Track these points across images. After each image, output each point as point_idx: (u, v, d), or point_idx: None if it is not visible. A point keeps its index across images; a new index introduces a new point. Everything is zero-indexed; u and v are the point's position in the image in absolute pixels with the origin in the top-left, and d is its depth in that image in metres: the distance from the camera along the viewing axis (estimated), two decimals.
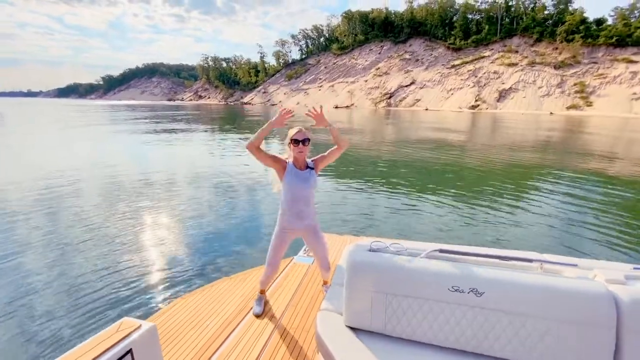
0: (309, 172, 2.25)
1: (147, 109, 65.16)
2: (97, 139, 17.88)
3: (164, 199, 6.79)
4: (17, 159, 11.44)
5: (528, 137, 21.24)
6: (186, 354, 2.02)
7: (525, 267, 1.52)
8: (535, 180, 8.94)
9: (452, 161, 11.81)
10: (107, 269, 3.90)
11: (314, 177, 2.26)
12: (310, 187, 2.24)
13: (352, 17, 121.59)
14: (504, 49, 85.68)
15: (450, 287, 1.42)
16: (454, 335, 1.43)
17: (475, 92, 77.34)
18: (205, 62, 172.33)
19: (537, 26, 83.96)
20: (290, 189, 2.22)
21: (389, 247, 1.63)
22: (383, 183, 8.42)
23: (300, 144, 2.16)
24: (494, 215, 5.92)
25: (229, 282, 2.87)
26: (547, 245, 4.77)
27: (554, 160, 12.42)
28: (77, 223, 5.43)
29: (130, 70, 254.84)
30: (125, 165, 10.53)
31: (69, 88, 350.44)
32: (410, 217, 5.89)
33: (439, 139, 19.24)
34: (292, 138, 2.18)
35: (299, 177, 2.21)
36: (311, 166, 2.28)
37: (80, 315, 3.09)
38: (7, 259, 4.17)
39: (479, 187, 8.00)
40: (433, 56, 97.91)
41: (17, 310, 3.17)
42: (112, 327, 1.23)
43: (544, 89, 70.27)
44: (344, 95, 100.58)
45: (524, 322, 1.33)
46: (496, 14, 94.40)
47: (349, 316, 1.61)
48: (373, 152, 14.31)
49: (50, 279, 3.71)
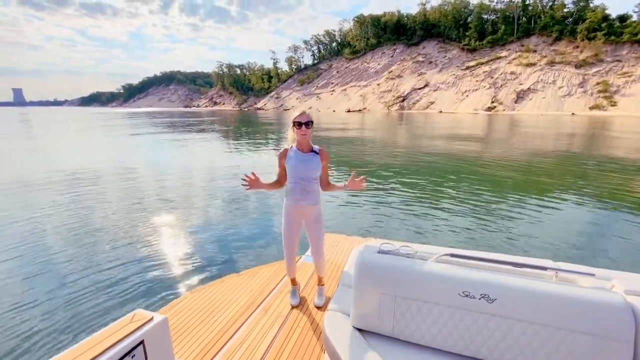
0: (312, 155, 2.21)
1: (166, 115, 67.11)
2: (125, 143, 18.46)
3: (178, 197, 6.88)
4: (49, 160, 11.92)
5: (548, 139, 20.50)
6: (194, 347, 2.04)
7: (539, 275, 1.47)
8: (554, 186, 8.54)
9: (466, 164, 11.49)
10: (121, 261, 3.98)
11: (317, 160, 2.21)
12: (312, 167, 2.19)
13: (364, 21, 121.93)
14: (522, 48, 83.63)
15: (460, 292, 1.39)
16: (463, 341, 1.40)
17: (492, 93, 75.64)
18: (220, 69, 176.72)
19: (556, 24, 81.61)
20: (292, 169, 2.20)
21: (399, 250, 1.61)
22: (394, 185, 8.24)
23: (303, 126, 2.12)
24: (507, 221, 5.64)
25: (238, 278, 2.87)
26: (562, 252, 4.50)
27: (577, 164, 11.88)
28: (102, 221, 5.56)
29: (148, 79, 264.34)
30: (144, 166, 10.78)
31: (91, 97, 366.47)
32: (421, 220, 5.71)
33: (453, 142, 18.84)
34: (294, 120, 2.14)
35: (300, 158, 2.18)
36: (316, 151, 2.24)
37: (94, 305, 3.15)
38: (29, 249, 4.31)
39: (493, 192, 7.69)
40: (447, 58, 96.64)
41: (40, 298, 3.25)
42: (126, 317, 1.25)
43: (565, 88, 67.95)
44: (356, 99, 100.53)
45: (537, 331, 1.29)
46: (513, 13, 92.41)
47: (357, 317, 1.59)
48: (385, 154, 14.12)
49: (71, 270, 3.81)
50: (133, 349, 1.15)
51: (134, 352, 1.15)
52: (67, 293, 3.35)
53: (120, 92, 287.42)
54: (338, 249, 3.42)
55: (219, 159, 12.92)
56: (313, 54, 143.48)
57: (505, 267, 1.50)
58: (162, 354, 1.29)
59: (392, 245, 1.65)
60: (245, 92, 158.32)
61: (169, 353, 1.34)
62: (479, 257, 1.55)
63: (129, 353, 1.13)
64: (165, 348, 1.31)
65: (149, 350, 1.21)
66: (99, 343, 1.10)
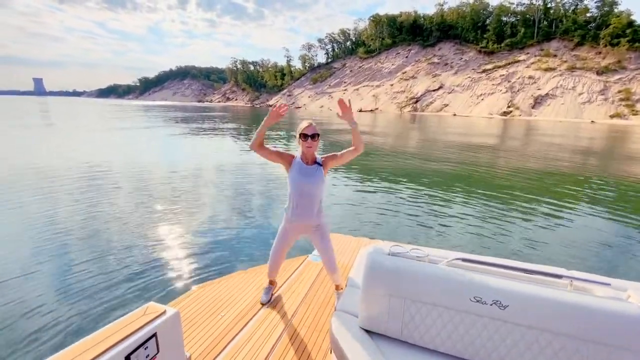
0: (315, 167, 2.16)
1: (179, 109, 68.08)
2: (140, 138, 18.79)
3: (190, 193, 6.92)
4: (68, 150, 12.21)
5: (566, 146, 19.90)
6: (203, 341, 2.06)
7: (553, 283, 1.44)
8: (572, 194, 8.25)
9: (478, 169, 11.23)
10: (131, 253, 4.03)
11: (320, 174, 2.15)
12: (315, 183, 2.14)
13: (379, 21, 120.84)
14: (541, 52, 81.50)
15: (472, 297, 1.37)
16: (473, 346, 1.38)
17: (508, 97, 74.03)
18: (234, 65, 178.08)
19: (578, 29, 79.18)
20: (293, 183, 2.15)
21: (409, 252, 1.61)
22: (403, 187, 8.12)
23: (309, 139, 2.09)
24: (522, 228, 5.47)
25: (245, 275, 2.89)
26: (577, 262, 4.34)
27: (595, 173, 11.48)
28: (113, 218, 5.63)
29: (164, 73, 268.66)
30: (155, 161, 10.92)
31: (108, 89, 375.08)
32: (429, 223, 5.59)
33: (466, 145, 18.48)
34: (301, 132, 2.12)
35: (303, 172, 2.14)
36: (319, 162, 2.19)
37: (106, 297, 3.21)
38: (48, 240, 4.41)
39: (507, 198, 7.47)
40: (463, 60, 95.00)
41: (56, 290, 3.31)
42: (139, 310, 1.27)
43: (585, 95, 65.94)
44: (368, 99, 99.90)
45: (550, 340, 1.27)
46: (533, 16, 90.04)
47: (365, 319, 1.58)
48: (396, 155, 13.94)
49: (85, 262, 3.88)
50: (146, 340, 1.17)
51: (147, 344, 1.18)
52: (84, 284, 3.43)
53: (137, 84, 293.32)
54: (345, 250, 3.41)
55: (231, 155, 12.98)
56: (327, 53, 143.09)
57: (518, 273, 1.48)
58: (173, 346, 1.31)
59: (402, 247, 1.64)
60: (257, 88, 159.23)
61: (179, 345, 1.36)
62: (491, 262, 1.53)
63: (143, 345, 1.16)
64: (176, 340, 1.33)
65: (161, 342, 1.23)
66: (114, 334, 1.13)
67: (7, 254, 4.06)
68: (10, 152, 11.48)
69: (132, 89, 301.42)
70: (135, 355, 1.13)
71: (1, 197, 6.26)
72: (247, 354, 1.98)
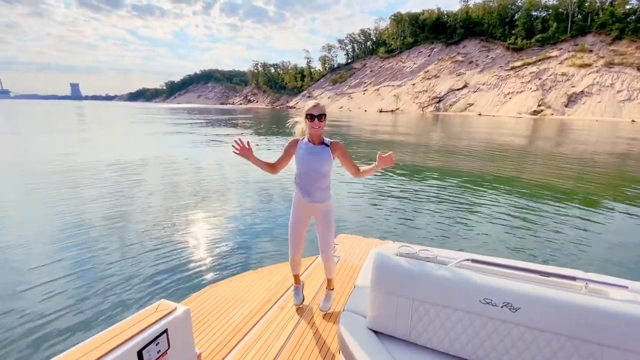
0: (322, 147, 2.09)
1: (203, 111, 70.17)
2: (169, 141, 19.47)
3: (204, 199, 6.97)
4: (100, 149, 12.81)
5: (604, 146, 18.53)
6: (213, 339, 2.06)
7: (567, 285, 1.40)
8: (599, 197, 7.56)
9: (502, 170, 10.62)
10: (144, 251, 4.10)
11: (327, 154, 2.08)
12: (320, 161, 2.07)
13: (401, 20, 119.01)
14: (575, 48, 77.05)
15: (482, 299, 1.34)
16: (483, 349, 1.35)
17: (539, 96, 70.49)
18: (255, 68, 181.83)
19: (616, 22, 74.15)
20: (299, 162, 2.12)
21: (418, 253, 1.59)
22: (416, 188, 7.79)
23: (315, 119, 2.02)
24: (537, 231, 5.12)
25: (255, 275, 2.85)
26: (593, 265, 4.08)
27: (629, 177, 10.52)
28: (134, 213, 5.80)
29: (189, 76, 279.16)
30: (176, 162, 11.17)
31: (138, 92, 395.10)
32: (439, 224, 5.39)
33: (489, 145, 17.61)
34: (307, 112, 2.03)
35: (310, 150, 2.09)
36: (327, 143, 2.11)
37: (121, 293, 3.27)
38: (69, 237, 4.57)
39: (528, 201, 6.92)
40: (489, 57, 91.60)
41: (71, 285, 3.39)
42: (151, 307, 1.30)
43: (625, 92, 61.58)
44: (389, 99, 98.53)
45: (563, 343, 1.23)
46: (567, 9, 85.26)
47: (373, 319, 1.58)
48: (414, 155, 13.49)
49: (101, 258, 3.99)
50: (157, 337, 1.20)
51: (158, 340, 1.21)
52: (102, 281, 3.50)
53: (164, 88, 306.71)
54: (355, 250, 3.35)
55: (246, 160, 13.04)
56: (347, 53, 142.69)
57: (530, 275, 1.45)
58: (183, 342, 1.33)
59: (411, 248, 1.62)
60: (278, 90, 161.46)
61: (190, 342, 1.38)
62: (501, 263, 1.50)
63: (154, 341, 1.19)
64: (186, 337, 1.35)
65: (171, 339, 1.26)
66: (127, 329, 1.16)
67: (31, 244, 4.26)
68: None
69: (160, 92, 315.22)
70: (147, 350, 1.16)
71: (40, 193, 6.59)
72: (256, 354, 1.96)
